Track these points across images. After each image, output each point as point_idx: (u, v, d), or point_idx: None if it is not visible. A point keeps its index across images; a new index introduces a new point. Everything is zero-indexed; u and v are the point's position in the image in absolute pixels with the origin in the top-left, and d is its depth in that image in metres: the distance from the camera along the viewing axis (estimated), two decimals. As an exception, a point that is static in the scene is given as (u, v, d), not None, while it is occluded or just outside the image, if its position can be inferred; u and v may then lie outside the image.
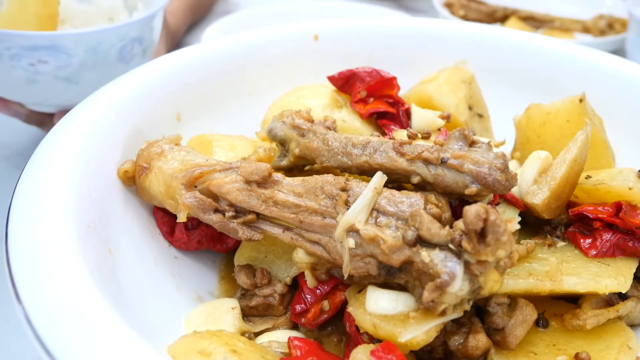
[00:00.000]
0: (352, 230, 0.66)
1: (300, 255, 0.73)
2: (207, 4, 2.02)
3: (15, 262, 0.62)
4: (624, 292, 0.72)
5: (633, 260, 0.76)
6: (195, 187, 0.76)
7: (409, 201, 0.66)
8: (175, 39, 1.66)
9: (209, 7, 2.05)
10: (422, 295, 0.61)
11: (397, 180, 0.74)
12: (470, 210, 0.58)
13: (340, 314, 0.77)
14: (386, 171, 0.71)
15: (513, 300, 0.71)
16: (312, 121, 0.85)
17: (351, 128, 0.95)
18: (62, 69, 1.02)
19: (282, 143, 0.85)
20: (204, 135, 0.94)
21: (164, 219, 0.86)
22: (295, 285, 0.81)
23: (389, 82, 0.97)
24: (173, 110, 0.98)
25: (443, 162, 0.69)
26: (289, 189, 0.72)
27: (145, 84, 0.94)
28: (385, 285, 0.68)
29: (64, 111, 1.16)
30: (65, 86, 1.05)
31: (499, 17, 1.99)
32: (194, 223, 0.86)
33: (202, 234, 0.86)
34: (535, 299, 0.72)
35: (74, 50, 1.01)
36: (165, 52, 1.50)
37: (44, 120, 1.17)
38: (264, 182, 0.72)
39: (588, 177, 0.82)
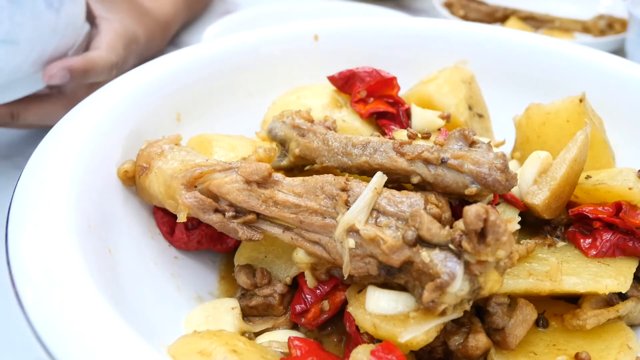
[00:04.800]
0: (352, 231, 0.66)
1: (300, 255, 0.73)
2: None
3: (16, 262, 0.62)
4: (624, 292, 0.72)
5: (633, 260, 0.76)
6: (195, 187, 0.76)
7: (409, 201, 0.66)
8: (169, 31, 1.63)
9: (207, 0, 2.03)
10: (422, 295, 0.61)
11: (397, 180, 0.74)
12: (470, 211, 0.58)
13: (340, 314, 0.77)
14: (386, 171, 0.71)
15: (513, 300, 0.71)
16: (312, 121, 0.85)
17: (351, 128, 0.95)
18: None
19: (282, 143, 0.85)
20: (204, 135, 0.94)
21: (164, 219, 0.86)
22: (295, 285, 0.81)
23: (389, 82, 0.97)
24: (173, 110, 0.98)
25: (443, 162, 0.69)
26: (289, 189, 0.72)
27: (145, 84, 0.94)
28: (385, 285, 0.68)
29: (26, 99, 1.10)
30: (6, 50, 0.99)
31: (499, 17, 1.99)
32: (194, 223, 0.86)
33: (202, 234, 0.86)
34: (535, 299, 0.72)
35: None
36: (157, 42, 1.49)
37: (13, 112, 1.10)
38: (264, 182, 0.72)
39: (588, 177, 0.82)
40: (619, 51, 1.65)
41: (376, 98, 0.98)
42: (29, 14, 1.00)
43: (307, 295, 0.77)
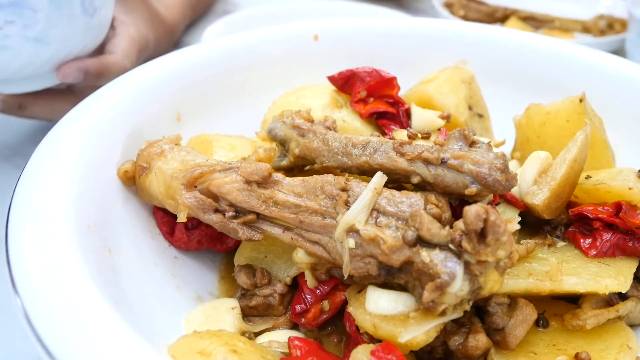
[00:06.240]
0: (352, 231, 0.66)
1: (300, 255, 0.73)
2: (207, 1, 2.01)
3: (15, 262, 0.62)
4: (624, 292, 0.72)
5: (633, 260, 0.76)
6: (195, 187, 0.76)
7: (409, 201, 0.66)
8: (175, 35, 1.65)
9: (210, 4, 2.04)
10: (422, 295, 0.61)
11: (397, 180, 0.74)
12: (470, 211, 0.58)
13: (340, 314, 0.77)
14: (386, 171, 0.71)
15: (513, 300, 0.71)
16: (312, 121, 0.85)
17: (351, 128, 0.95)
18: (30, 28, 0.97)
19: (282, 143, 0.85)
20: (204, 135, 0.94)
21: (164, 219, 0.86)
22: (295, 285, 0.81)
23: (389, 82, 0.97)
24: (173, 110, 0.98)
25: (443, 162, 0.69)
26: (289, 189, 0.72)
27: (145, 84, 0.94)
28: (385, 285, 0.68)
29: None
30: (36, 48, 1.00)
31: (499, 17, 1.99)
32: (194, 223, 0.86)
33: (202, 234, 0.86)
34: (535, 299, 0.72)
35: (38, 4, 0.96)
36: (163, 47, 1.50)
37: (21, 103, 1.12)
38: (264, 182, 0.72)
39: (588, 177, 0.82)
40: (619, 51, 1.65)
41: (376, 98, 0.98)
42: (65, 17, 1.01)
43: (307, 295, 0.77)
